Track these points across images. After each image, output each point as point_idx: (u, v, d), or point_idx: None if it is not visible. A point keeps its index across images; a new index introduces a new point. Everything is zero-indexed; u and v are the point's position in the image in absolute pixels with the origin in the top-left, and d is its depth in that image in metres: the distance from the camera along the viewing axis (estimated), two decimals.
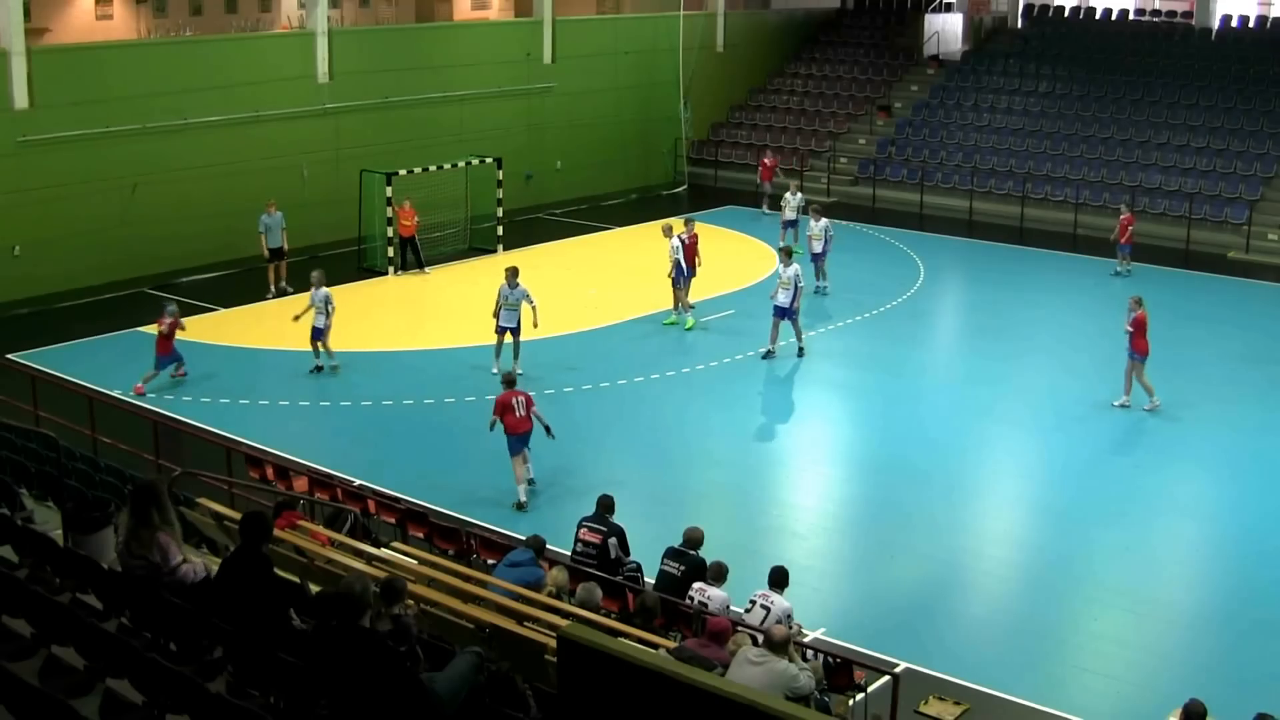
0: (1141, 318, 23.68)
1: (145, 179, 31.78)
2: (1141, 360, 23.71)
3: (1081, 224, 38.50)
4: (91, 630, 9.02)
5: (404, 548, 15.37)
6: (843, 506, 21.09)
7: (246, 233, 32.45)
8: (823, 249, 31.17)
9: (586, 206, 41.50)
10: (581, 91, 42.31)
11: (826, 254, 31.32)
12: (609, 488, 17.04)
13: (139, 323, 27.98)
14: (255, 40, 38.90)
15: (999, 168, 41.70)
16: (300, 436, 22.55)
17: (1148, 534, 19.67)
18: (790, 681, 11.11)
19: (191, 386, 24.32)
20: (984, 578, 18.70)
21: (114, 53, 34.03)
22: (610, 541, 15.68)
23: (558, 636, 7.58)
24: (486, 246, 35.04)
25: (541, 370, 25.20)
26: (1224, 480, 21.71)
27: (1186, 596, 18.16)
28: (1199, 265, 35.52)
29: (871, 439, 23.25)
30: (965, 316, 28.17)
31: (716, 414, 24.10)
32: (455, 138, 37.65)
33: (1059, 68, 45.11)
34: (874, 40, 50.35)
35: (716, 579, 14.33)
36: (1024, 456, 23.06)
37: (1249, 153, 39.24)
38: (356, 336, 27.56)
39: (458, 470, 21.10)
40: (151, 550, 10.05)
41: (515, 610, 12.43)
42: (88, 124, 30.62)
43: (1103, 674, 15.88)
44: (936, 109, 45.56)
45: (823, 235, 31.23)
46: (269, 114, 34.18)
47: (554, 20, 41.38)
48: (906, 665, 14.94)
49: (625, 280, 33.00)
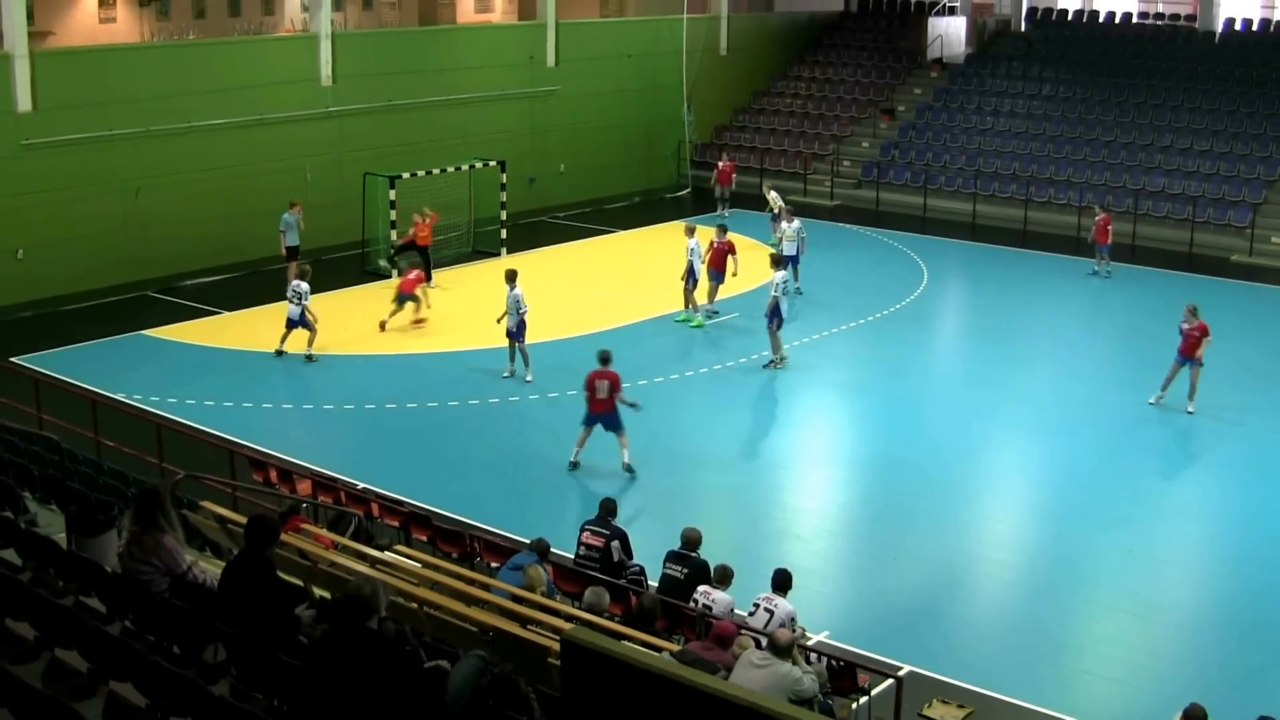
0: (1202, 326, 23.86)
1: (148, 182, 31.79)
2: (1193, 363, 23.84)
3: (1085, 227, 38.36)
4: (95, 633, 9.03)
5: (407, 551, 15.37)
6: (846, 509, 21.09)
7: (250, 235, 32.57)
8: (795, 251, 30.95)
9: (590, 209, 41.50)
10: (585, 94, 42.32)
11: (800, 256, 31.17)
12: (612, 491, 17.04)
13: (142, 326, 28.03)
14: (259, 43, 38.96)
15: (1002, 171, 41.68)
16: (304, 440, 22.57)
17: (1150, 537, 19.67)
18: (794, 685, 11.10)
19: (193, 389, 24.34)
20: (987, 580, 18.70)
21: (117, 56, 34.06)
22: (613, 545, 15.69)
23: (561, 640, 7.58)
24: (490, 250, 35.05)
25: (544, 373, 25.22)
26: (1227, 483, 21.70)
27: (1189, 599, 18.15)
28: (1202, 269, 35.48)
29: (874, 441, 23.25)
30: (968, 319, 28.17)
31: (719, 417, 24.10)
32: (458, 141, 37.66)
33: (1062, 71, 45.10)
34: (877, 43, 50.34)
35: (721, 582, 14.33)
36: (1026, 459, 23.05)
37: (1252, 156, 39.21)
38: (359, 340, 27.59)
39: (462, 473, 21.12)
40: (156, 555, 10.06)
41: (518, 613, 12.43)
42: (91, 127, 30.64)
43: (1105, 677, 15.88)
44: (940, 112, 45.55)
45: (795, 237, 31.10)
46: (272, 117, 34.20)
47: (557, 23, 41.38)
48: (910, 668, 14.92)
49: (629, 283, 33.00)
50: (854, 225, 39.92)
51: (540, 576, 13.85)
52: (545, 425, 23.21)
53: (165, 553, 10.11)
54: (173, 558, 10.11)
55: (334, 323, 27.42)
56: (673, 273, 29.51)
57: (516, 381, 25.03)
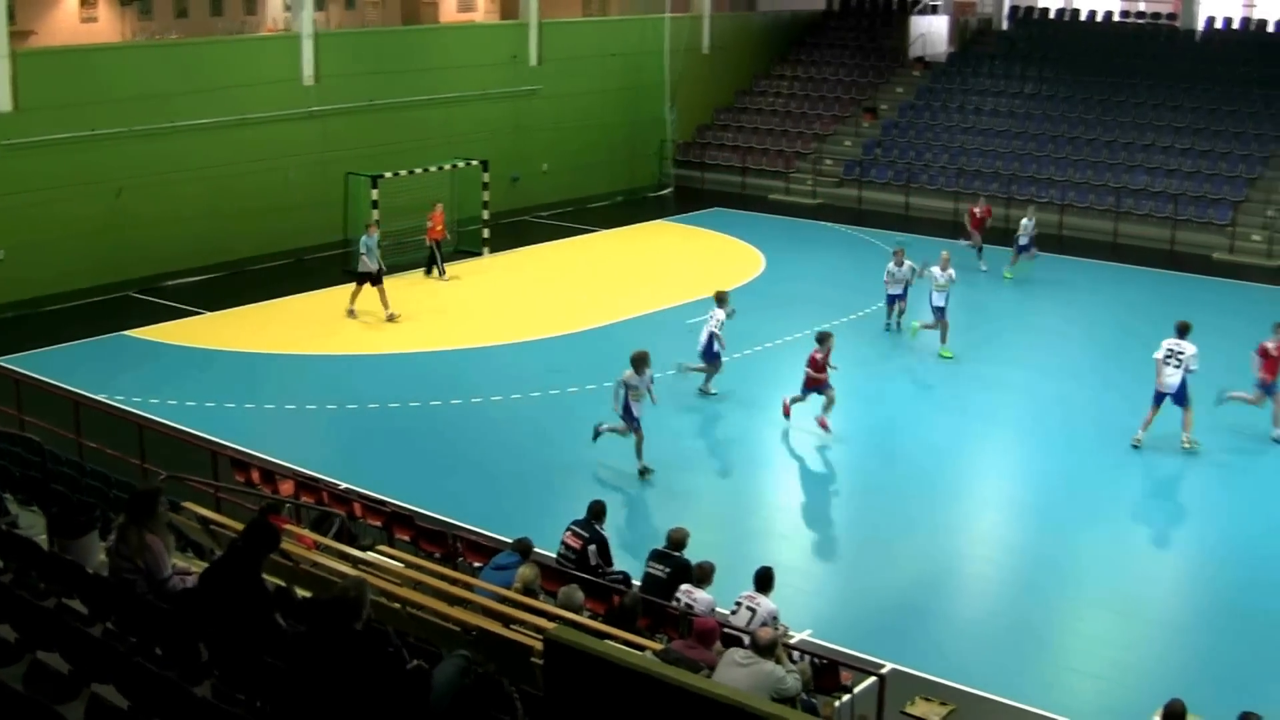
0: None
1: (131, 182, 31.70)
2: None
3: (1067, 225, 38.57)
4: (77, 635, 9.00)
5: (390, 551, 15.36)
6: (828, 508, 21.13)
7: (233, 235, 32.50)
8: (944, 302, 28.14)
9: (572, 209, 41.50)
10: (567, 94, 42.30)
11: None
12: (596, 489, 17.02)
13: (124, 327, 27.95)
14: (241, 43, 38.89)
15: (984, 169, 41.78)
16: (286, 440, 22.52)
17: (1132, 535, 19.74)
18: (776, 683, 11.12)
19: (176, 390, 24.28)
20: (970, 579, 18.76)
21: (99, 55, 33.98)
22: (590, 549, 15.63)
23: (544, 639, 7.59)
24: (472, 249, 35.03)
25: (529, 372, 25.21)
26: (1209, 479, 21.76)
27: (1171, 596, 18.22)
28: (1184, 267, 35.62)
29: (856, 439, 23.23)
30: (949, 317, 28.20)
31: (701, 416, 24.11)
32: (441, 140, 37.61)
33: (1044, 69, 45.24)
34: (859, 42, 50.43)
35: (702, 580, 14.34)
36: (1007, 457, 23.11)
37: (1233, 154, 39.37)
38: (339, 340, 27.55)
39: (445, 473, 21.11)
40: (140, 555, 10.03)
41: (501, 613, 12.43)
42: (73, 127, 30.54)
43: (1087, 674, 15.93)
44: (922, 111, 45.64)
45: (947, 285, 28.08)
46: (255, 116, 34.12)
47: (540, 22, 41.37)
48: (893, 666, 14.95)
49: (612, 283, 33.00)
50: (836, 224, 39.97)
51: (533, 575, 13.85)
52: (530, 424, 23.21)
53: (149, 554, 10.08)
54: (156, 561, 10.08)
55: (316, 322, 27.38)
56: (655, 270, 29.42)
57: (516, 381, 24.94)
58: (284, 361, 26.09)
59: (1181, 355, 21.92)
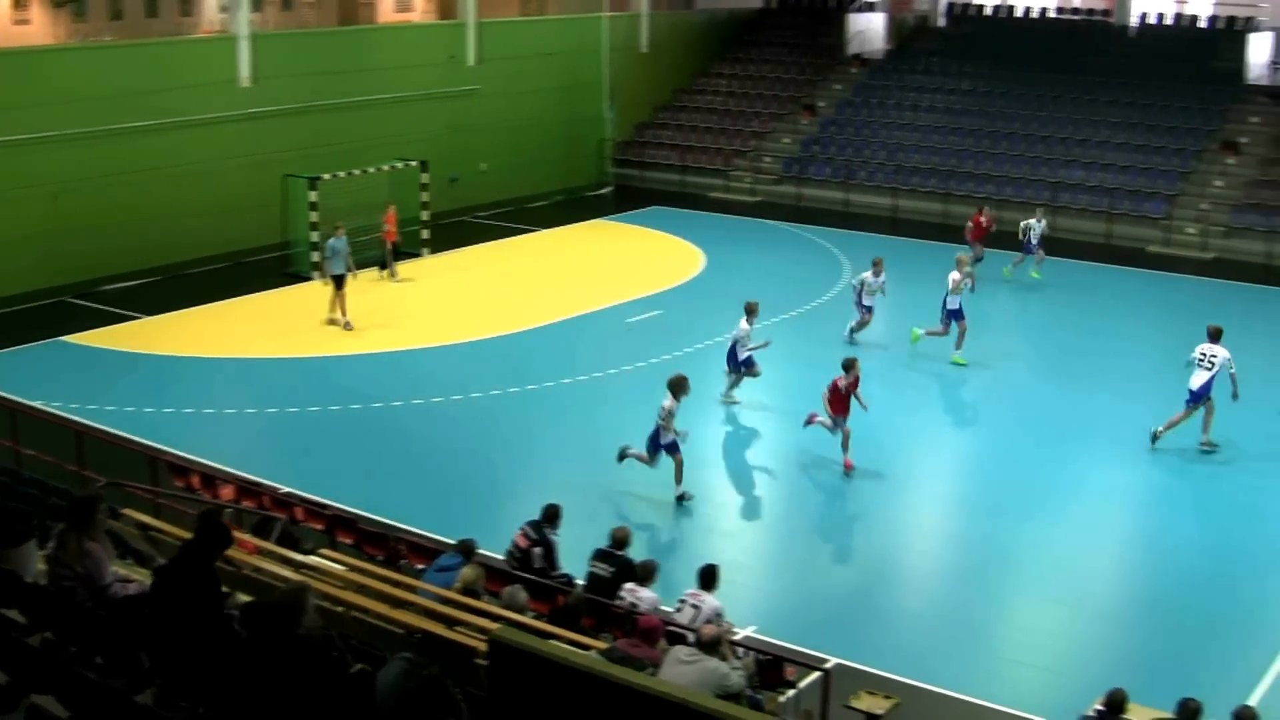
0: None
1: (67, 186, 31.36)
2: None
3: (1004, 220, 38.80)
4: (15, 645, 8.91)
5: (332, 554, 15.28)
6: (770, 504, 21.20)
7: (170, 239, 32.22)
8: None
9: (512, 208, 41.40)
10: (506, 93, 42.19)
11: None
12: (541, 489, 16.99)
13: (62, 332, 27.67)
14: (177, 45, 38.52)
15: (922, 165, 42.05)
16: (226, 444, 22.34)
17: (1073, 526, 19.87)
18: (721, 680, 11.15)
19: (115, 395, 24.05)
20: (913, 572, 18.88)
21: (33, 58, 33.63)
22: (535, 551, 15.61)
23: (488, 640, 7.59)
24: (411, 250, 34.88)
25: (473, 373, 25.13)
26: (1151, 473, 21.96)
27: (1111, 588, 18.40)
28: (1120, 259, 36.04)
29: (795, 434, 23.26)
30: (889, 313, 28.35)
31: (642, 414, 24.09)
32: (380, 141, 37.42)
33: (981, 66, 45.57)
34: (798, 40, 50.58)
35: (646, 579, 14.36)
36: (949, 450, 23.29)
37: (1167, 149, 39.83)
38: (280, 343, 27.38)
39: (388, 476, 21.02)
40: (80, 561, 9.94)
41: (445, 615, 12.40)
42: (7, 130, 30.17)
43: (1030, 665, 16.09)
44: (860, 107, 45.87)
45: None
46: (192, 119, 33.83)
47: (477, 22, 41.27)
48: (837, 661, 15.04)
49: (552, 282, 32.96)
50: (776, 221, 40.10)
51: (475, 576, 13.81)
52: (472, 426, 23.15)
53: (90, 560, 9.99)
54: (97, 567, 9.99)
55: (256, 325, 27.18)
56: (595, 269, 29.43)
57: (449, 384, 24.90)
58: (224, 365, 25.90)
59: (1214, 359, 22.06)
